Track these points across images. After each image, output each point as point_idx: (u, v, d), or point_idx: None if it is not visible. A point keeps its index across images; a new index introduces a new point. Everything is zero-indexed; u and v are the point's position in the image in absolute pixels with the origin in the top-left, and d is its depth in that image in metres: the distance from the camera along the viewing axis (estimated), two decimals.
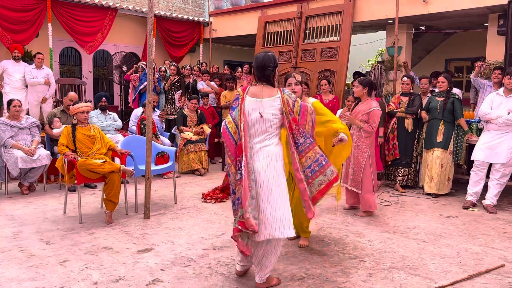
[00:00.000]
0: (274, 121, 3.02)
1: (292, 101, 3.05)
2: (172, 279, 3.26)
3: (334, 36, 8.50)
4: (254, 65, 3.10)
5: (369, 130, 4.83)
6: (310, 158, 3.08)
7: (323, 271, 3.43)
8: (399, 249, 3.93)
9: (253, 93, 3.05)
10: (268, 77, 3.06)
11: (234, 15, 10.92)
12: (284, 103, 3.01)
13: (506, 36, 6.50)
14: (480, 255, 3.79)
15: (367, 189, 4.91)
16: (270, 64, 3.04)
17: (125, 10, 10.04)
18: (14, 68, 7.89)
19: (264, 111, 3.00)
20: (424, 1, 7.55)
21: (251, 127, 3.01)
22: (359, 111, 4.92)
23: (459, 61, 10.71)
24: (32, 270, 3.40)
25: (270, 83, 3.08)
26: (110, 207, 4.65)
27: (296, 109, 3.05)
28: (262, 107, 3.00)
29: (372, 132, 4.88)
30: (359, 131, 4.92)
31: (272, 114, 3.01)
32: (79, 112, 4.91)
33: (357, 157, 4.93)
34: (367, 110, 4.84)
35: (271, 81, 3.08)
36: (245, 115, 3.00)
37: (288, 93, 3.07)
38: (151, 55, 4.81)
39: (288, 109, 3.02)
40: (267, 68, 3.03)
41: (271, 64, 3.04)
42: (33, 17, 8.58)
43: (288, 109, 3.02)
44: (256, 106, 3.01)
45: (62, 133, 4.89)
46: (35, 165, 5.76)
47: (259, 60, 3.06)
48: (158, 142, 6.68)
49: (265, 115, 3.00)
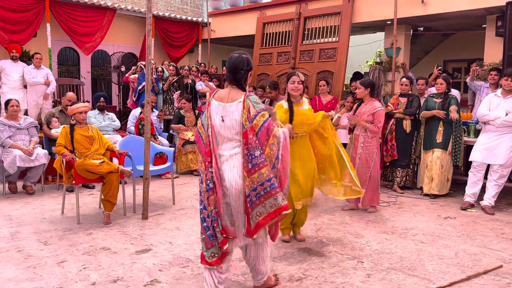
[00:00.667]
0: (237, 128, 2.74)
1: (255, 110, 2.71)
2: (170, 280, 3.26)
3: (333, 37, 8.51)
4: (226, 66, 2.91)
5: (375, 130, 4.97)
6: (262, 175, 2.69)
7: (321, 272, 3.43)
8: (397, 250, 3.93)
9: (219, 97, 2.82)
10: (239, 81, 2.82)
11: (233, 16, 10.92)
12: (245, 108, 2.71)
13: (504, 37, 6.51)
14: (478, 256, 3.80)
15: (372, 187, 5.06)
16: (243, 67, 2.80)
17: (124, 10, 10.04)
18: (12, 68, 7.87)
19: (227, 116, 2.76)
20: (423, 2, 7.56)
21: (217, 133, 2.79)
22: (364, 112, 5.05)
23: (457, 62, 10.74)
24: (29, 271, 3.39)
25: (241, 87, 2.83)
26: (108, 208, 4.64)
27: (256, 122, 2.69)
28: (225, 111, 2.76)
29: (378, 132, 5.02)
30: (365, 132, 5.03)
31: (236, 120, 2.73)
32: (77, 113, 4.91)
33: (365, 157, 5.02)
34: (372, 111, 4.98)
35: (242, 84, 2.83)
36: (211, 120, 2.80)
37: (254, 100, 2.75)
38: (150, 55, 4.80)
39: (247, 116, 2.70)
40: (239, 71, 2.80)
41: (244, 67, 2.80)
42: (31, 17, 8.57)
43: (246, 116, 2.70)
44: (220, 111, 2.78)
45: (60, 134, 4.88)
46: (33, 165, 5.75)
47: (232, 61, 2.84)
48: (157, 142, 6.68)
49: (228, 121, 2.75)
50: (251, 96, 2.76)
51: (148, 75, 4.78)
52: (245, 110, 2.71)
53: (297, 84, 3.90)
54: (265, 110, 2.75)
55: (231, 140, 2.77)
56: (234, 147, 2.77)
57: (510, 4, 6.38)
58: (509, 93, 5.18)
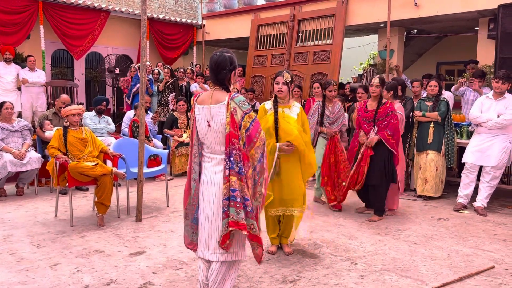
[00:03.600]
0: (224, 132, 2.59)
1: (242, 112, 2.57)
2: (164, 282, 3.25)
3: (327, 39, 8.56)
4: (208, 65, 2.76)
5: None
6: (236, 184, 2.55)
7: (315, 274, 3.44)
8: (390, 251, 3.95)
9: (202, 100, 2.68)
10: (221, 81, 2.65)
11: (227, 18, 10.94)
12: (228, 110, 2.56)
13: (496, 40, 6.57)
14: (470, 257, 3.82)
15: (393, 189, 5.01)
16: (226, 66, 2.63)
17: (118, 12, 10.02)
18: (5, 70, 7.84)
19: (212, 119, 2.61)
20: (416, 5, 7.62)
21: (204, 137, 2.68)
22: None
23: (450, 64, 10.81)
24: (22, 274, 3.37)
25: (224, 87, 2.66)
26: (102, 210, 4.63)
27: (244, 123, 2.56)
28: (210, 115, 2.62)
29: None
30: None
31: (221, 123, 2.58)
32: (70, 115, 4.89)
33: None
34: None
35: (225, 85, 2.66)
36: (195, 124, 2.69)
37: (239, 100, 2.58)
38: (144, 57, 4.80)
39: (230, 119, 2.55)
40: (221, 71, 2.63)
41: (226, 66, 2.63)
42: (24, 19, 8.53)
43: (229, 119, 2.55)
44: (204, 114, 2.64)
45: (54, 136, 4.87)
46: (25, 169, 5.72)
47: (213, 61, 2.66)
48: (151, 144, 6.66)
49: (214, 125, 2.61)
50: (237, 97, 2.60)
51: (142, 77, 4.78)
52: (228, 112, 2.56)
53: (281, 86, 3.64)
54: (251, 110, 2.62)
55: (221, 144, 2.61)
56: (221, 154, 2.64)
57: (502, 7, 6.44)
58: (500, 95, 5.23)
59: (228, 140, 2.55)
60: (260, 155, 2.60)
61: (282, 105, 3.74)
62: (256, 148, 2.59)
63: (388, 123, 4.75)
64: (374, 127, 4.81)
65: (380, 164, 4.76)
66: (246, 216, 2.56)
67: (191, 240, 2.77)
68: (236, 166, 2.55)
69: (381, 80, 4.86)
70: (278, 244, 3.94)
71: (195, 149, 2.71)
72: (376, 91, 4.83)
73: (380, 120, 4.78)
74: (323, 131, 5.35)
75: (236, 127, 2.56)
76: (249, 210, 2.56)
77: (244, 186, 2.56)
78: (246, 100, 2.64)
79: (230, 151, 2.54)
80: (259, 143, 2.59)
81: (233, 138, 2.55)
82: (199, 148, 2.71)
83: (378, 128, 4.78)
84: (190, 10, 12.93)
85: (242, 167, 2.55)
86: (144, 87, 4.82)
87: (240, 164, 2.55)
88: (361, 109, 5.00)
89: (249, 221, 2.56)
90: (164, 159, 5.78)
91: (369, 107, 4.93)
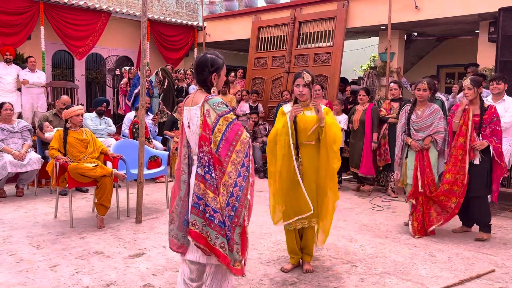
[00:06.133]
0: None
1: (216, 115, 2.46)
2: (163, 284, 3.24)
3: (327, 42, 8.56)
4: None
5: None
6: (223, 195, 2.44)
7: (315, 276, 3.43)
8: (391, 254, 3.94)
9: (187, 101, 2.67)
10: (203, 82, 2.60)
11: (228, 20, 10.95)
12: (202, 112, 2.48)
13: (497, 43, 6.57)
14: (471, 260, 3.82)
15: None
16: (205, 68, 2.57)
17: (119, 13, 10.03)
18: (6, 70, 7.85)
19: (191, 121, 2.57)
20: (416, 8, 7.62)
21: (188, 138, 2.64)
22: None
23: (450, 67, 10.81)
24: (22, 275, 3.37)
25: (206, 88, 2.61)
26: (102, 212, 4.62)
27: (219, 127, 2.44)
28: (189, 116, 2.58)
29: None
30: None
31: (197, 125, 2.53)
32: (74, 115, 4.86)
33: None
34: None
35: (207, 86, 2.61)
36: (183, 126, 2.67)
37: (214, 102, 2.48)
38: (145, 59, 4.80)
39: (202, 122, 2.47)
40: (201, 72, 2.58)
41: (206, 68, 2.57)
42: (25, 20, 8.54)
43: (201, 122, 2.47)
44: (186, 116, 2.62)
45: (54, 137, 4.86)
46: (25, 170, 5.71)
47: (196, 62, 2.63)
48: (151, 146, 6.66)
49: (192, 127, 2.56)
50: (212, 99, 2.49)
51: (142, 78, 4.78)
52: (201, 114, 2.48)
53: (302, 88, 3.40)
54: (229, 112, 2.48)
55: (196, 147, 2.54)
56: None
57: (502, 11, 6.45)
58: (499, 97, 5.24)
59: (199, 143, 2.48)
60: (243, 159, 2.46)
61: (304, 108, 3.45)
62: (237, 152, 2.45)
63: (492, 130, 4.29)
64: (478, 135, 4.32)
65: (484, 173, 4.31)
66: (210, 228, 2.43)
67: (181, 244, 2.66)
68: (201, 169, 2.46)
69: (473, 81, 4.33)
70: (296, 264, 3.59)
71: (185, 151, 2.68)
72: (470, 93, 4.33)
73: (484, 127, 4.31)
74: (407, 143, 4.61)
75: (208, 130, 2.46)
76: (216, 222, 2.42)
77: (207, 192, 2.44)
78: (222, 102, 2.51)
79: (199, 153, 2.48)
80: (240, 146, 2.45)
81: (202, 141, 2.46)
82: (188, 149, 2.68)
83: (482, 135, 4.30)
84: (191, 11, 12.94)
85: (208, 172, 2.44)
86: (144, 88, 4.82)
87: (206, 168, 2.45)
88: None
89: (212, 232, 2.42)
90: (164, 160, 5.77)
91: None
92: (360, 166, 6.37)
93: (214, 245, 2.43)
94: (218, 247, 2.43)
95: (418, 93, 4.52)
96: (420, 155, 4.50)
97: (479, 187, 4.32)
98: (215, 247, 2.43)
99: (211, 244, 2.44)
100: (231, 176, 2.44)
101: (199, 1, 12.45)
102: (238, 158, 2.45)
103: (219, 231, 2.44)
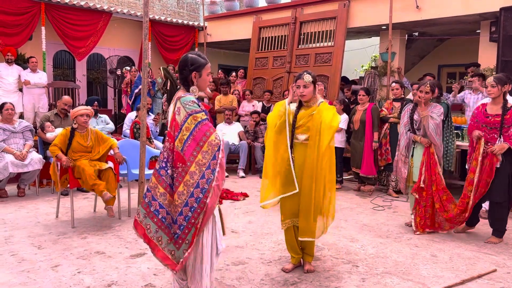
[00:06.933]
0: None
1: (185, 113, 2.46)
2: (165, 284, 3.25)
3: (328, 42, 8.56)
4: None
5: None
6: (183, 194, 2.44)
7: (316, 276, 3.43)
8: (392, 254, 3.94)
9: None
10: (183, 80, 2.61)
11: (229, 20, 10.95)
12: (172, 111, 2.53)
13: (498, 42, 6.57)
14: (472, 260, 3.81)
15: None
16: (186, 67, 2.58)
17: (120, 14, 10.04)
18: (7, 71, 7.86)
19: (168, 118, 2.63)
20: (417, 8, 7.62)
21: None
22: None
23: (452, 67, 10.80)
24: (23, 275, 3.37)
25: (186, 87, 2.61)
26: (109, 202, 4.62)
27: (187, 125, 2.45)
28: (170, 113, 2.62)
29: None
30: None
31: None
32: (78, 115, 4.79)
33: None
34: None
35: (187, 85, 2.60)
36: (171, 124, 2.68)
37: (185, 100, 2.49)
38: (146, 59, 4.81)
39: (171, 119, 2.51)
40: (182, 70, 2.61)
41: (186, 66, 2.58)
42: (26, 21, 8.56)
43: (171, 118, 2.51)
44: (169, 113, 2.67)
45: (60, 134, 4.80)
46: (26, 170, 5.71)
47: (179, 61, 2.67)
48: (152, 146, 6.66)
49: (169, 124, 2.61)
50: (184, 97, 2.51)
51: (144, 79, 4.78)
52: (172, 111, 2.53)
53: (303, 89, 3.38)
54: (200, 112, 2.48)
55: None
56: None
57: (504, 10, 6.45)
58: None
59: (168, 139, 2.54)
60: (210, 161, 2.42)
61: (307, 108, 3.44)
62: (203, 153, 2.42)
63: None
64: (500, 136, 4.15)
65: (505, 178, 4.15)
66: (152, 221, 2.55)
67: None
68: (158, 164, 2.54)
69: (498, 79, 4.19)
70: (297, 264, 3.57)
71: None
72: (493, 91, 4.20)
73: (506, 127, 4.14)
74: (416, 140, 4.62)
75: (174, 127, 2.49)
76: (159, 217, 2.52)
77: (158, 187, 2.52)
78: (193, 101, 2.50)
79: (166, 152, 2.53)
80: (207, 148, 2.43)
81: (167, 137, 2.52)
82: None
83: (503, 136, 4.14)
84: (191, 12, 12.95)
85: (164, 167, 2.51)
86: (146, 89, 4.82)
87: (162, 164, 2.52)
88: (479, 113, 4.32)
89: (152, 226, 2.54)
90: None
91: (490, 111, 4.26)
92: (361, 166, 6.38)
93: (152, 238, 2.55)
94: (155, 240, 2.55)
95: (421, 95, 4.51)
96: (428, 150, 4.51)
97: (500, 191, 4.16)
98: (152, 239, 2.55)
99: (149, 236, 2.56)
100: (194, 176, 2.42)
101: (200, 1, 12.46)
102: (204, 159, 2.42)
103: (160, 226, 2.54)
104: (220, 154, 2.45)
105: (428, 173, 4.48)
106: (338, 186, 6.71)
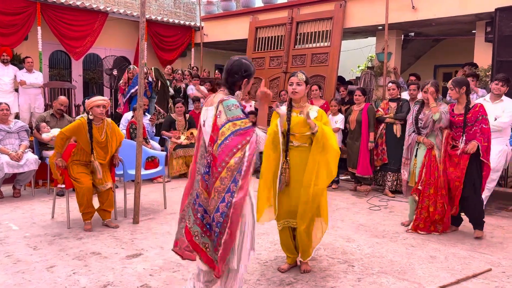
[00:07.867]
0: None
1: (225, 117, 2.44)
2: (161, 285, 3.24)
3: (325, 42, 8.56)
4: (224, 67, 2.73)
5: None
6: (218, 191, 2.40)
7: (312, 276, 3.43)
8: (387, 254, 3.95)
9: (206, 101, 2.69)
10: (230, 84, 2.61)
11: (226, 20, 10.95)
12: (214, 114, 2.50)
13: (493, 43, 6.59)
14: (467, 260, 3.83)
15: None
16: (239, 72, 2.59)
17: (116, 14, 10.02)
18: (3, 71, 7.84)
19: (206, 120, 2.60)
20: (413, 8, 7.64)
21: (205, 139, 2.64)
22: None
23: (448, 67, 10.84)
24: (18, 276, 3.36)
25: (231, 91, 2.60)
26: (107, 216, 4.64)
27: (224, 130, 2.42)
28: (206, 116, 2.61)
29: None
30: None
31: (210, 125, 2.55)
32: (95, 107, 4.41)
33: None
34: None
35: (232, 89, 2.61)
36: (200, 125, 2.69)
37: (228, 104, 2.47)
38: (143, 59, 4.80)
39: (213, 123, 2.48)
40: (233, 75, 2.59)
41: (239, 72, 2.59)
42: (22, 21, 8.53)
43: (212, 123, 2.49)
44: (203, 115, 2.65)
45: (73, 125, 4.47)
46: (22, 170, 5.69)
47: (229, 64, 2.64)
48: (148, 146, 6.66)
49: (207, 126, 2.58)
50: (227, 100, 2.49)
51: (140, 79, 4.77)
52: (214, 114, 2.50)
53: (296, 86, 3.37)
54: (242, 118, 2.45)
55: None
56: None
57: (499, 11, 6.47)
58: (498, 98, 5.24)
59: (209, 143, 2.53)
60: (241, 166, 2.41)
61: (297, 109, 3.43)
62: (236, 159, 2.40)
63: (481, 129, 4.32)
64: (463, 134, 4.38)
65: (473, 173, 4.37)
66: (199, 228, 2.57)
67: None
68: (203, 169, 2.55)
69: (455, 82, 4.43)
70: (292, 264, 3.58)
71: (202, 150, 2.66)
72: (451, 93, 4.48)
73: (469, 125, 4.37)
74: (419, 141, 4.66)
75: (216, 131, 2.47)
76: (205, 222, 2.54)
77: (202, 191, 2.53)
78: (237, 105, 2.47)
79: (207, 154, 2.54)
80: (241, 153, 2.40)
81: (210, 141, 2.51)
82: (206, 149, 2.62)
83: (466, 134, 4.37)
84: (188, 12, 12.94)
85: (207, 171, 2.50)
86: (142, 89, 4.82)
87: (206, 169, 2.52)
88: (450, 113, 4.51)
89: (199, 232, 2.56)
90: (161, 161, 5.77)
91: (456, 111, 4.49)
92: (357, 166, 6.39)
93: (199, 244, 2.58)
94: (201, 246, 2.58)
95: (425, 95, 4.60)
96: (430, 152, 4.55)
97: (469, 187, 4.38)
98: (199, 245, 2.58)
99: (196, 242, 2.58)
100: (224, 181, 2.39)
101: (196, 1, 12.45)
102: (236, 164, 2.39)
103: (205, 232, 2.56)
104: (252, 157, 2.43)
105: (428, 176, 4.50)
106: (334, 186, 6.72)
